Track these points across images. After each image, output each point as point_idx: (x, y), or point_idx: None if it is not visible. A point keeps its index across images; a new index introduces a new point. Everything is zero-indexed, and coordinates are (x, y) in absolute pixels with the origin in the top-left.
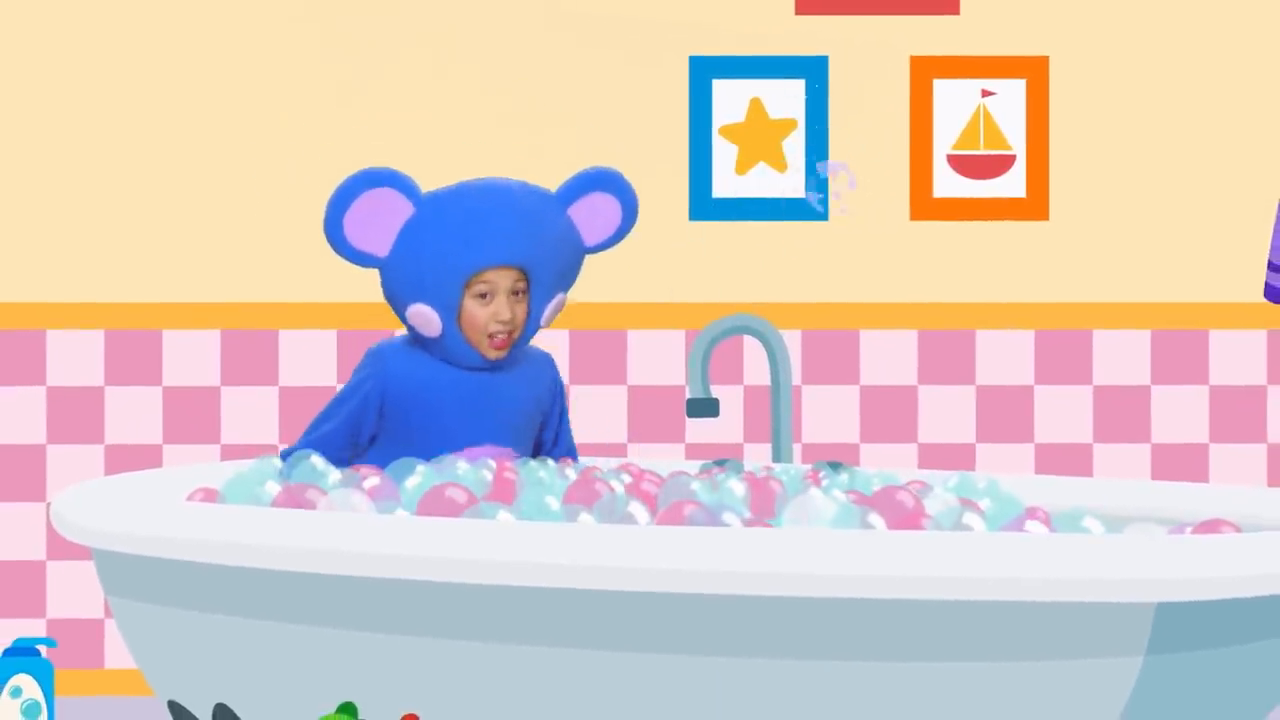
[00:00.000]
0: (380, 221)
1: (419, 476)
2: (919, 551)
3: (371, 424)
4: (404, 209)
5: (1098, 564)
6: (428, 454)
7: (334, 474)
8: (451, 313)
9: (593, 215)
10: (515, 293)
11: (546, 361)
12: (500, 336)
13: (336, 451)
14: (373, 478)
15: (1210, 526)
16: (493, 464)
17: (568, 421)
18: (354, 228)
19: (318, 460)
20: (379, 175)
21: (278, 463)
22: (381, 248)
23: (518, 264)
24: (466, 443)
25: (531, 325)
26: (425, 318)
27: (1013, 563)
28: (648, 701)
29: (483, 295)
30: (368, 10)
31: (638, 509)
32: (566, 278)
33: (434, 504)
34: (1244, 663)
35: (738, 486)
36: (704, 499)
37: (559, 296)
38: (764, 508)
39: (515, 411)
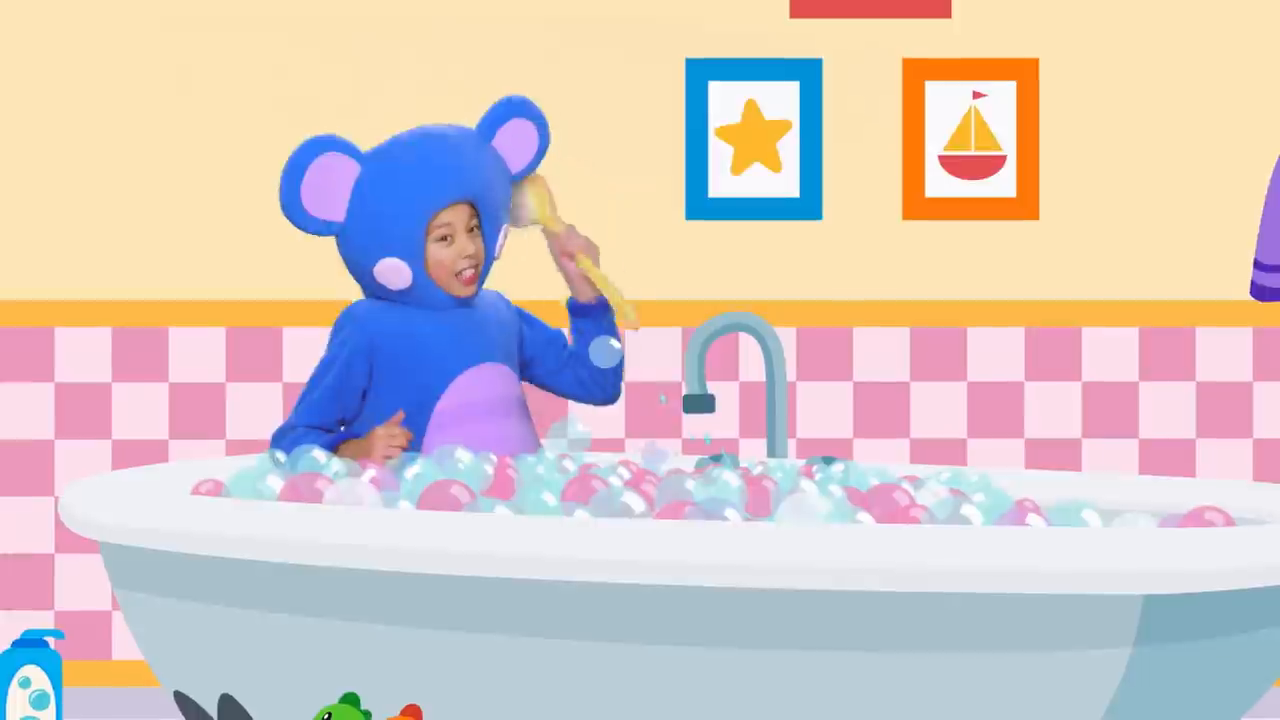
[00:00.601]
0: (332, 186)
1: (420, 467)
2: (911, 545)
3: (361, 378)
4: (351, 169)
5: (1086, 557)
6: (427, 390)
7: (336, 464)
8: (419, 259)
9: (514, 143)
10: (470, 229)
11: (499, 296)
12: (468, 272)
13: (329, 415)
14: (372, 469)
15: (1198, 514)
16: (494, 458)
17: (537, 320)
18: (310, 198)
19: (319, 454)
20: (321, 142)
21: (281, 457)
22: (338, 212)
23: (469, 198)
24: (460, 369)
25: (489, 257)
26: (394, 269)
27: (1003, 556)
28: (645, 692)
29: (444, 238)
30: (368, 14)
31: (634, 500)
32: (505, 206)
33: (436, 499)
34: (1231, 654)
35: (733, 480)
36: (700, 496)
37: (504, 226)
38: (759, 503)
39: (494, 335)
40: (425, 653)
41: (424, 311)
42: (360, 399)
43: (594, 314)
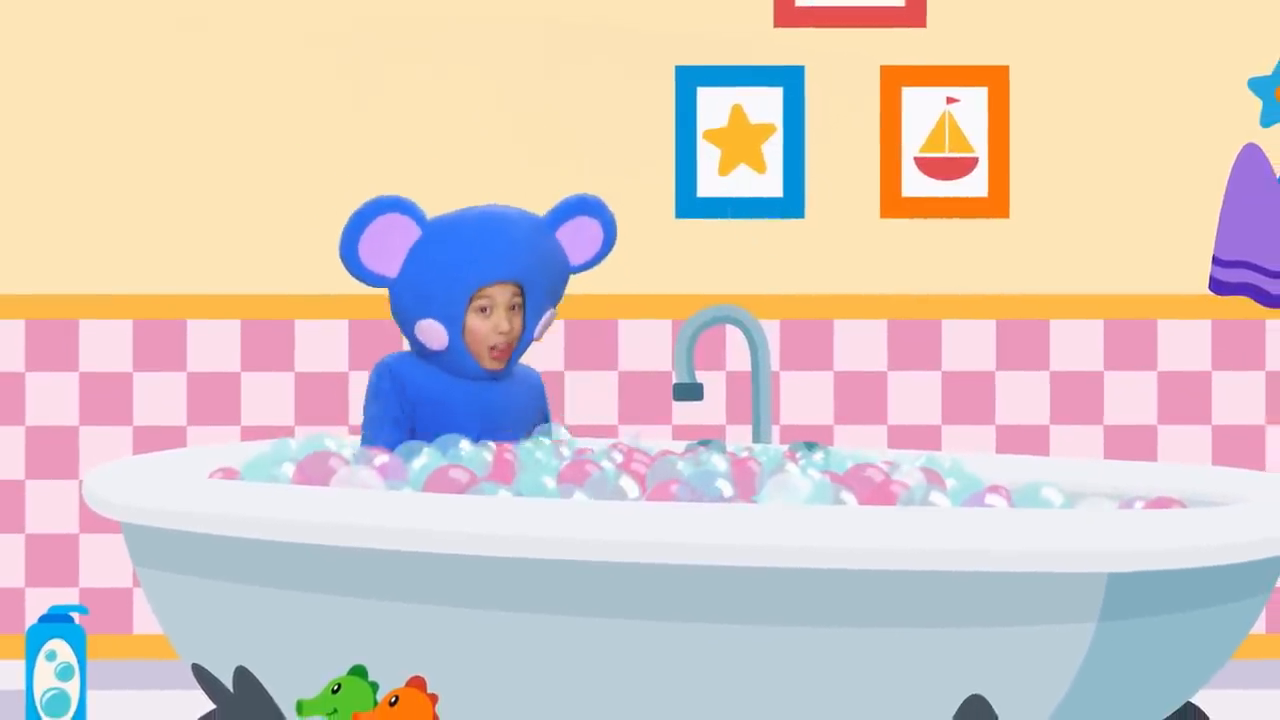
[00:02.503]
0: (390, 245)
1: (425, 457)
2: (887, 526)
3: (408, 425)
4: (412, 232)
5: (1054, 537)
6: None
7: (346, 449)
8: (457, 325)
9: (577, 237)
10: (512, 307)
11: (535, 380)
12: (499, 348)
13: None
14: (381, 456)
15: (1160, 504)
16: (493, 445)
17: (548, 412)
18: (367, 251)
19: (330, 441)
20: (388, 202)
21: (292, 441)
22: (392, 269)
23: (515, 279)
24: (480, 440)
25: (526, 337)
26: (433, 331)
27: (975, 536)
28: (638, 665)
29: (483, 309)
30: (373, 15)
31: (628, 484)
32: (555, 294)
33: (439, 483)
34: (1191, 629)
35: (720, 463)
36: (689, 477)
37: (549, 312)
38: (745, 485)
39: (517, 415)
40: (429, 627)
41: (457, 379)
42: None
43: None
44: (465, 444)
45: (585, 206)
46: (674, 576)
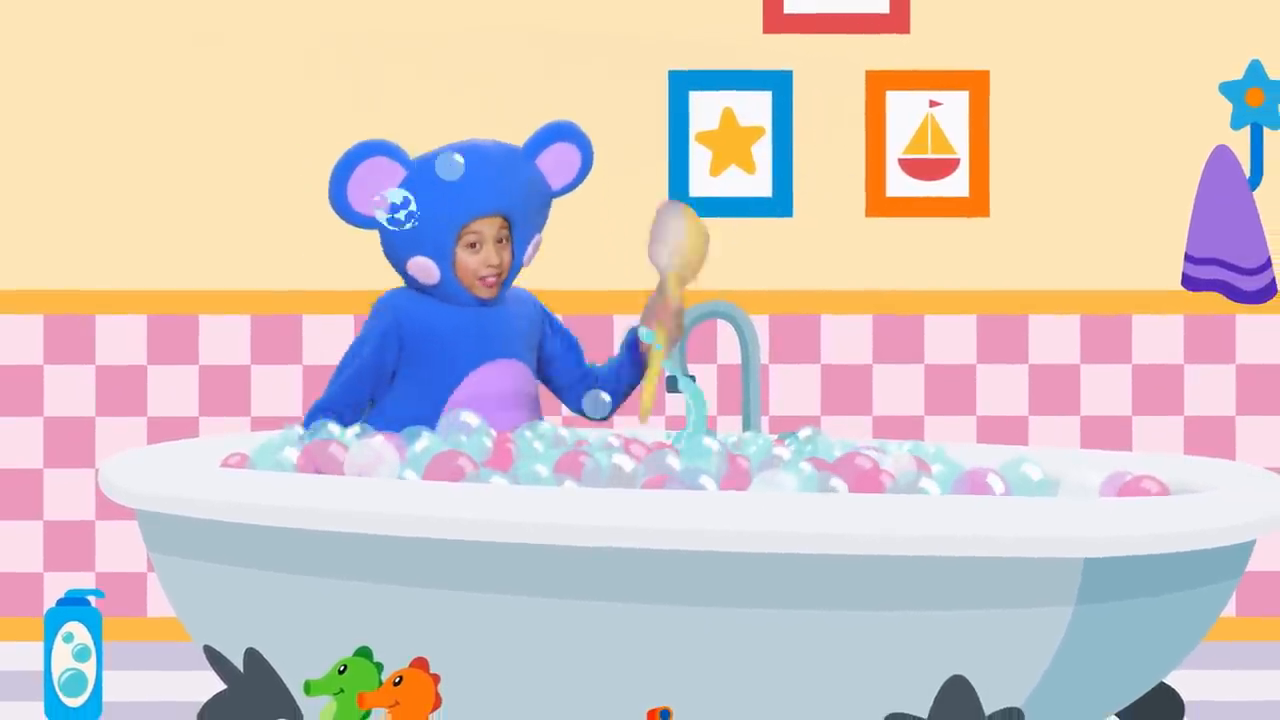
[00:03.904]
0: (378, 186)
1: (427, 441)
2: (873, 513)
3: (392, 359)
4: (397, 173)
5: (1034, 525)
6: (446, 378)
7: (350, 434)
8: (447, 261)
9: (557, 163)
10: (499, 240)
11: (529, 296)
12: (490, 278)
13: (362, 392)
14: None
15: (1135, 483)
16: (493, 433)
17: (557, 323)
18: (356, 194)
19: (334, 427)
20: (373, 145)
21: (299, 428)
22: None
23: (500, 212)
24: (477, 363)
25: (515, 266)
26: (424, 268)
27: (958, 524)
28: (632, 647)
29: (472, 245)
30: (378, 30)
31: (623, 460)
32: (540, 220)
33: (441, 469)
34: (1164, 612)
35: (713, 444)
36: (682, 468)
37: (536, 238)
38: (737, 474)
39: (515, 333)
40: (431, 611)
41: (450, 307)
42: (389, 380)
43: (637, 363)
44: (470, 419)
45: (561, 132)
46: (668, 562)
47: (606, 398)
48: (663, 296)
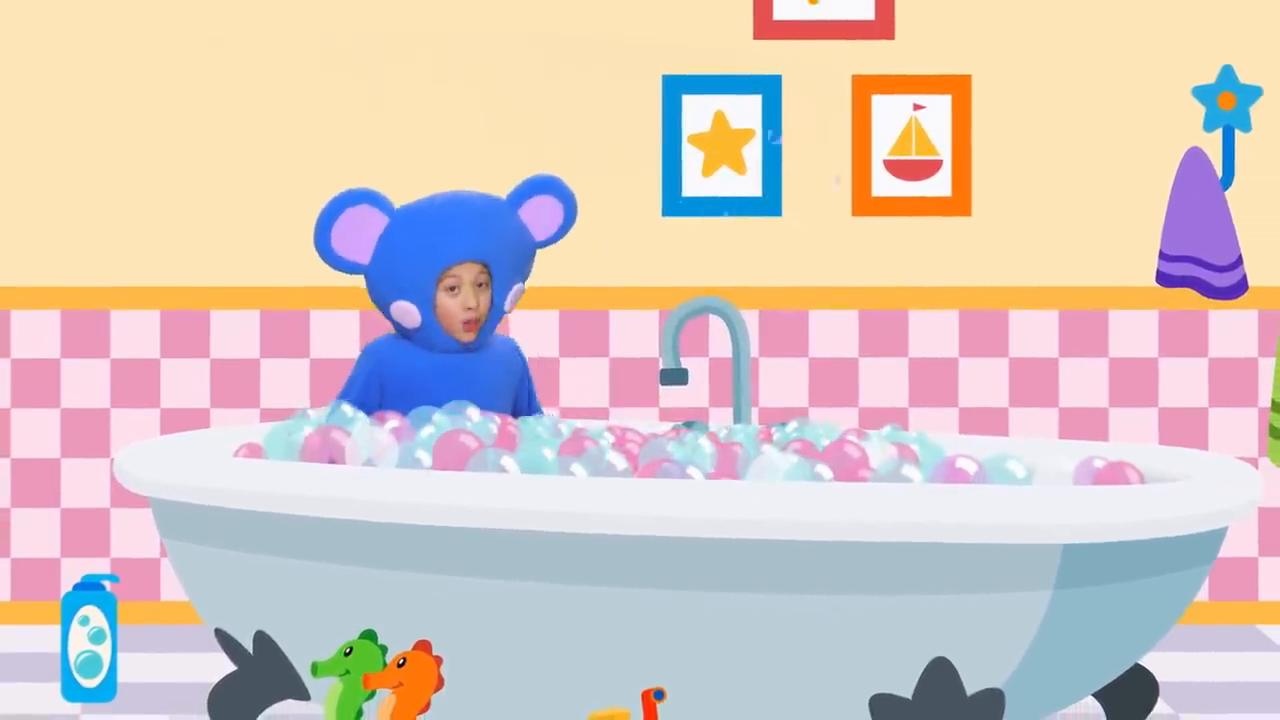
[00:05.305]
0: (360, 233)
1: (434, 426)
2: (859, 501)
3: (374, 404)
4: (379, 221)
5: (1014, 512)
6: None
7: (361, 418)
8: (428, 305)
9: (539, 214)
10: (479, 284)
11: (513, 345)
12: (469, 321)
13: None
14: (394, 421)
15: (1119, 467)
16: (498, 419)
17: (533, 388)
18: (339, 241)
19: (347, 409)
20: (356, 195)
21: (310, 412)
22: (363, 256)
23: (479, 258)
24: None
25: (495, 312)
26: (406, 311)
27: (942, 511)
28: (626, 630)
29: (452, 288)
30: (380, 35)
31: (616, 458)
32: (522, 269)
33: (447, 447)
34: (1139, 597)
35: (706, 446)
36: (677, 457)
37: (517, 286)
38: (729, 464)
39: (493, 385)
40: (434, 595)
41: (433, 354)
42: None
43: None
44: (473, 413)
45: (544, 186)
46: (661, 548)
47: None
48: None
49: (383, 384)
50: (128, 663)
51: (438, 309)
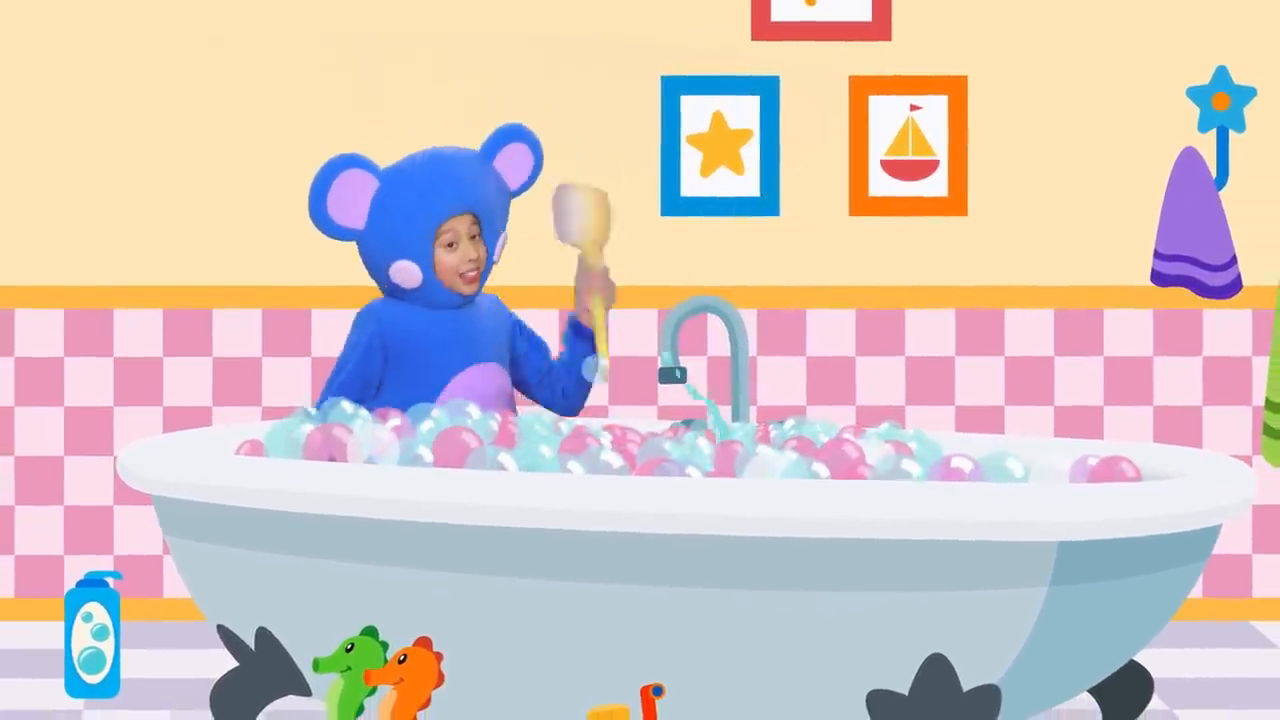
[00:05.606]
0: (354, 198)
1: (433, 421)
2: (856, 499)
3: (378, 370)
4: (370, 183)
5: (1010, 510)
6: (432, 383)
7: (362, 415)
8: (427, 261)
9: (511, 163)
10: (472, 236)
11: (497, 300)
12: (471, 273)
13: (351, 398)
14: (394, 418)
15: (1114, 462)
16: (498, 416)
17: (527, 327)
18: (335, 208)
19: (347, 405)
20: (345, 160)
21: (311, 408)
22: (358, 221)
23: (471, 210)
24: (461, 367)
25: (489, 261)
26: (407, 271)
27: (939, 509)
28: (624, 627)
29: (449, 244)
30: (380, 33)
31: (614, 457)
32: (504, 218)
33: (447, 444)
34: (1134, 593)
35: (705, 445)
36: (675, 456)
37: (503, 235)
38: (727, 461)
39: (491, 336)
40: (435, 592)
41: (432, 312)
42: (375, 389)
43: (589, 338)
44: (473, 411)
45: (514, 134)
46: (660, 545)
47: (605, 361)
48: (586, 267)
49: (385, 346)
50: (131, 659)
51: (437, 265)
